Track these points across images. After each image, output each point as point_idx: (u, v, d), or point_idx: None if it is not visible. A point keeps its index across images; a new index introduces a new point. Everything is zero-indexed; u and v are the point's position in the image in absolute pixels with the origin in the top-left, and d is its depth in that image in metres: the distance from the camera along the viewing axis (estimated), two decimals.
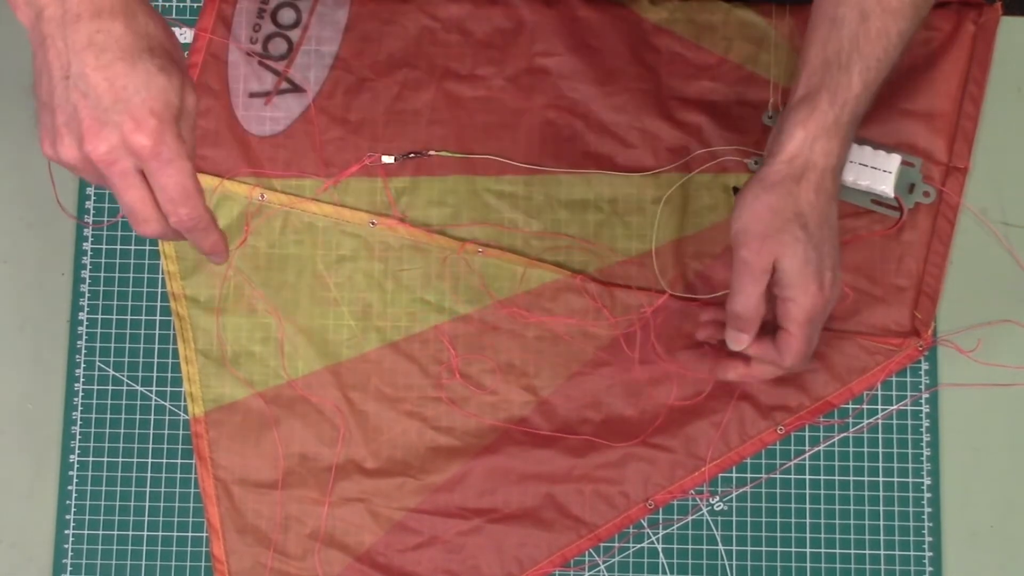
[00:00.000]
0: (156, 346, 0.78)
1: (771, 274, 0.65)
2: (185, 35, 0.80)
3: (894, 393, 0.77)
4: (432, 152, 0.74)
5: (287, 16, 0.80)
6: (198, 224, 0.56)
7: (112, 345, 0.78)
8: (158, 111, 0.53)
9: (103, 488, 0.76)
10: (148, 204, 0.55)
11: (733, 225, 0.65)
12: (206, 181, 0.78)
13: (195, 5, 0.81)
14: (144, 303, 0.78)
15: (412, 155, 0.74)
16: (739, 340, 0.67)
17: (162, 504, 0.76)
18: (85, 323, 0.78)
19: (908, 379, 0.77)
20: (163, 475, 0.77)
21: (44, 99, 0.54)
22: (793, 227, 0.64)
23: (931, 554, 0.75)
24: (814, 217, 0.64)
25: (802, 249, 0.64)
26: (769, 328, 0.67)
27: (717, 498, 0.76)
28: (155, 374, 0.77)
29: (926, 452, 0.76)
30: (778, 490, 0.76)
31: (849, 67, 0.64)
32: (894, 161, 0.75)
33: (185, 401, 0.77)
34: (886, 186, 0.75)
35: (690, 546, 0.76)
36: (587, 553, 0.76)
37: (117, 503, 0.76)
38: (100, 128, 0.53)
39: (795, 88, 0.66)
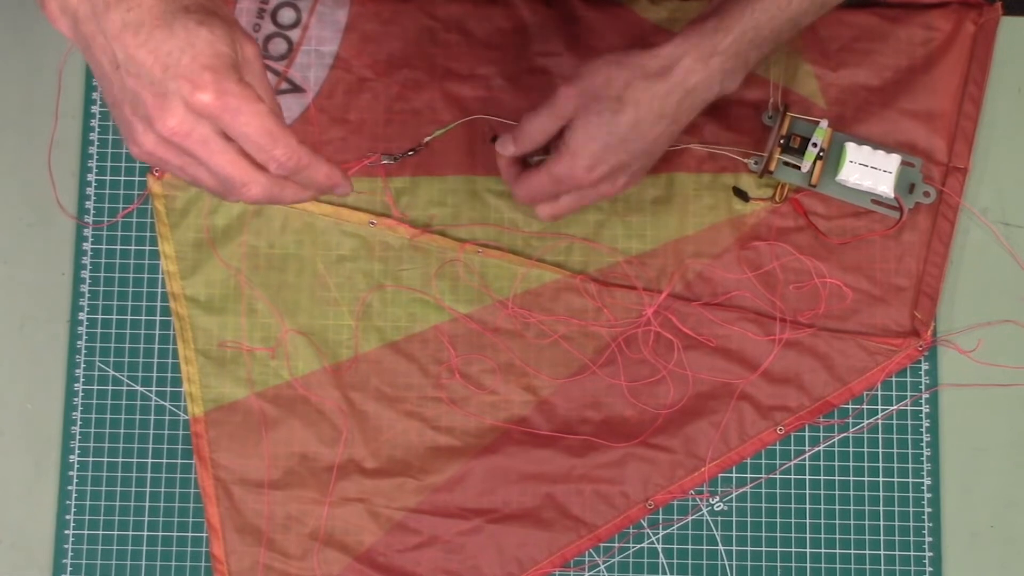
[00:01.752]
0: (156, 346, 0.77)
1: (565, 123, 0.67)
2: None
3: (894, 393, 0.77)
4: (427, 139, 0.74)
5: (287, 16, 0.80)
6: (300, 161, 0.53)
7: (112, 345, 0.77)
8: (209, 63, 0.50)
9: (103, 488, 0.76)
10: (241, 164, 0.52)
11: (578, 66, 0.67)
12: None
13: None
14: (144, 303, 0.78)
15: (411, 152, 0.74)
16: (506, 144, 0.70)
17: (162, 504, 0.76)
18: (85, 323, 0.78)
19: (908, 379, 0.77)
20: (163, 475, 0.77)
21: (109, 100, 0.53)
22: (608, 106, 0.65)
23: (931, 554, 0.75)
24: (633, 114, 0.65)
25: (594, 128, 0.66)
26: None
27: (717, 498, 0.76)
28: (155, 374, 0.77)
29: (926, 452, 0.76)
30: (778, 490, 0.76)
31: (743, 2, 0.65)
32: (894, 161, 0.75)
33: (185, 401, 0.77)
34: (886, 186, 0.75)
35: (690, 546, 0.76)
36: (587, 553, 0.76)
37: (117, 503, 0.76)
38: (163, 102, 0.50)
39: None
